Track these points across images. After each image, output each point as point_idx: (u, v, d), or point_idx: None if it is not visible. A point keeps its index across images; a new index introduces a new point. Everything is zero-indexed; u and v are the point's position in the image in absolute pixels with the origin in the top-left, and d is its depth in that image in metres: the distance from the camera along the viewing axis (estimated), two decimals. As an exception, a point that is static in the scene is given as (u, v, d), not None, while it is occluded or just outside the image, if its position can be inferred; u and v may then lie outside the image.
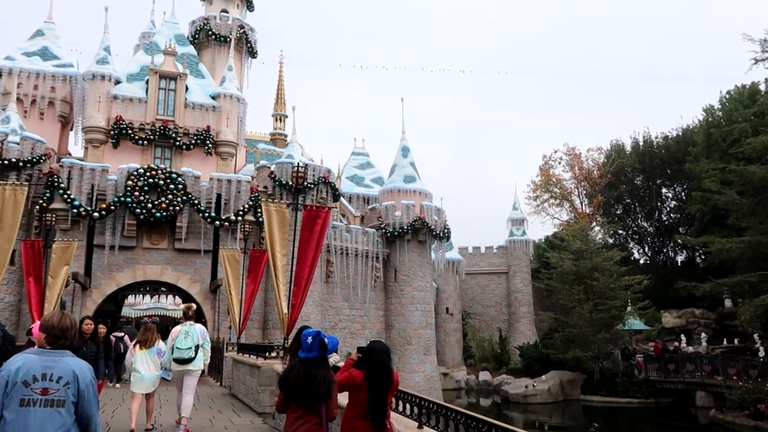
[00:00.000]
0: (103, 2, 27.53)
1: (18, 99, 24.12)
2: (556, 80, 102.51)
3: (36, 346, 3.92)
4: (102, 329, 10.14)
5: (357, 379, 5.29)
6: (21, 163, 20.51)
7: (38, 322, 5.97)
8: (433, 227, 29.00)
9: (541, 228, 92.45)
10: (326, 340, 4.65)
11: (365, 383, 5.27)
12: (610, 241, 44.47)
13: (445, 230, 29.94)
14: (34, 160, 20.91)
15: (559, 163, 49.36)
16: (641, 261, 46.22)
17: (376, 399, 5.29)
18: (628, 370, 30.17)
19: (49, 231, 20.72)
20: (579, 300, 31.22)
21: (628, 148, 47.14)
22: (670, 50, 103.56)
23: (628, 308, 31.53)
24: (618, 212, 47.21)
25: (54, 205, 20.91)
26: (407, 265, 28.96)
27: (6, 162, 20.11)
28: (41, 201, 20.69)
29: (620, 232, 47.00)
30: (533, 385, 31.26)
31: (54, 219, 20.74)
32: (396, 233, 28.61)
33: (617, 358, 31.49)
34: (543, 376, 32.35)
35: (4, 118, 22.23)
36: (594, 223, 44.62)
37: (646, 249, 47.71)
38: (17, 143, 20.73)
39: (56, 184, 20.95)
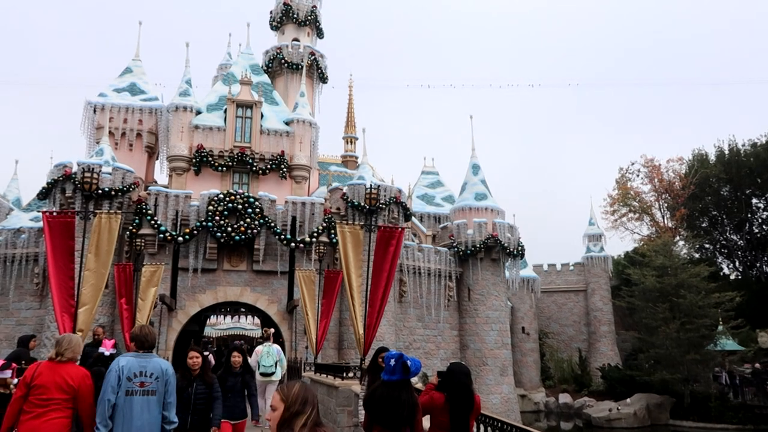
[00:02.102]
0: (184, 38, 29.21)
1: (110, 132, 25.85)
2: (630, 91, 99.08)
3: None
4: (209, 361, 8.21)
5: (438, 401, 5.28)
6: (113, 192, 21.88)
7: (106, 340, 7.81)
8: (506, 245, 28.50)
9: (619, 243, 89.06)
10: (409, 362, 4.67)
11: (447, 406, 5.25)
12: (696, 255, 42.14)
13: (519, 248, 29.34)
14: (125, 188, 22.26)
15: (637, 176, 47.47)
16: (732, 276, 43.44)
17: (458, 422, 5.25)
18: (722, 393, 28.26)
19: (138, 255, 21.95)
20: (664, 319, 29.69)
21: (712, 157, 44.74)
22: (751, 52, 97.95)
23: (720, 327, 29.66)
24: (704, 225, 44.71)
25: (142, 231, 22.14)
26: (481, 283, 28.55)
27: (100, 191, 21.51)
28: (131, 227, 21.96)
29: (707, 246, 44.44)
30: (617, 409, 29.86)
31: (143, 244, 22.00)
32: (468, 252, 28.31)
33: (709, 380, 29.58)
34: (628, 399, 30.85)
35: (98, 150, 23.87)
36: (677, 237, 42.50)
37: (737, 264, 44.82)
38: (110, 173, 22.17)
39: (144, 210, 22.19)
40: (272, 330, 14.45)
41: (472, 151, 32.04)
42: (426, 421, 5.29)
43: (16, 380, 7.19)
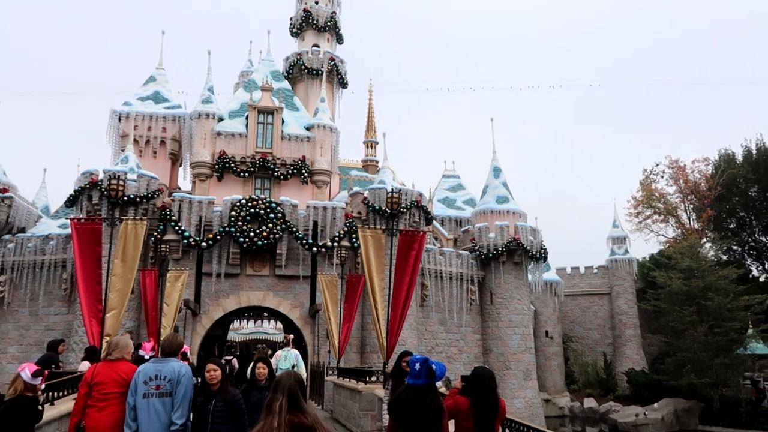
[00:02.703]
0: (206, 47, 29.62)
1: (134, 140, 26.27)
2: (654, 91, 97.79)
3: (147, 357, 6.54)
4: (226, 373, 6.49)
5: (463, 406, 5.25)
6: (138, 199, 22.22)
7: (145, 343, 8.88)
8: (528, 248, 28.27)
9: (644, 246, 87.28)
10: (434, 366, 4.65)
11: (471, 410, 5.22)
12: (724, 257, 41.27)
13: (542, 251, 29.08)
14: (149, 195, 22.60)
15: (662, 177, 46.70)
16: (762, 278, 42.47)
17: (483, 426, 5.21)
18: (759, 400, 27.62)
19: (163, 261, 22.25)
20: (692, 322, 29.17)
21: (739, 157, 43.82)
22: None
23: (749, 331, 29.03)
24: (731, 226, 43.77)
25: (167, 237, 22.43)
26: (503, 287, 28.35)
27: (126, 198, 21.87)
28: (156, 233, 22.26)
29: (735, 247, 43.50)
30: (645, 414, 29.39)
31: (167, 249, 22.30)
32: (490, 255, 28.14)
33: (740, 385, 28.94)
34: (655, 404, 30.34)
35: (123, 158, 24.29)
36: (704, 239, 41.70)
37: (767, 265, 43.82)
38: (135, 181, 22.53)
39: (169, 216, 22.49)
40: (292, 336, 15.03)
41: (493, 154, 31.88)
42: (451, 426, 5.27)
43: (42, 386, 7.41)
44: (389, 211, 23.99)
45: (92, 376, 5.91)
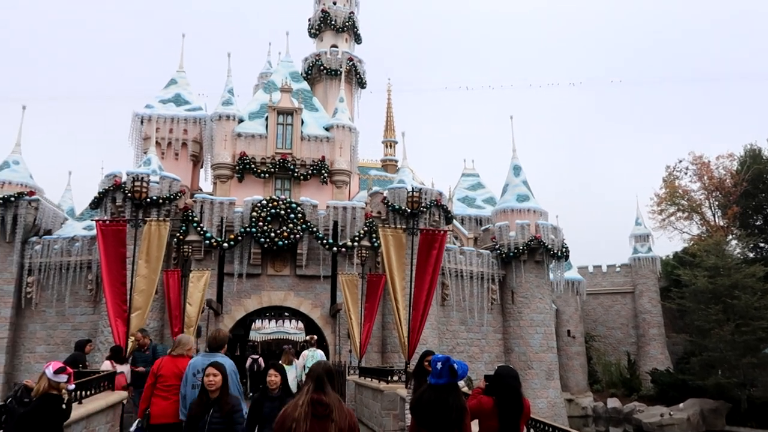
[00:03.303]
0: (226, 49, 29.87)
1: (156, 142, 26.60)
2: (675, 87, 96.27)
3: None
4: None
5: (487, 405, 5.21)
6: (161, 201, 22.50)
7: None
8: (549, 246, 28.02)
9: (668, 244, 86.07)
10: (455, 365, 4.63)
11: (495, 410, 5.18)
12: (751, 255, 40.46)
13: (563, 249, 28.81)
14: (172, 197, 22.86)
15: (685, 174, 45.90)
16: (789, 276, 41.55)
17: (507, 426, 5.17)
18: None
19: (186, 261, 22.50)
20: (717, 321, 28.69)
21: (766, 152, 42.95)
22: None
23: (778, 329, 28.44)
24: (758, 223, 42.89)
25: (189, 237, 22.67)
26: (524, 286, 28.15)
27: (149, 200, 22.15)
28: (178, 234, 22.52)
29: (762, 245, 42.65)
30: (670, 414, 28.96)
31: (190, 250, 22.54)
32: (511, 254, 27.96)
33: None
34: (680, 404, 29.88)
35: (146, 160, 24.61)
36: (730, 237, 40.94)
37: (795, 263, 42.85)
38: (157, 182, 22.81)
39: (191, 218, 22.73)
40: (315, 336, 15.42)
41: (513, 152, 31.66)
42: (474, 426, 5.24)
43: (72, 386, 7.52)
44: (409, 210, 23.96)
45: (158, 368, 6.82)
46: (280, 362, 11.21)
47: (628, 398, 35.74)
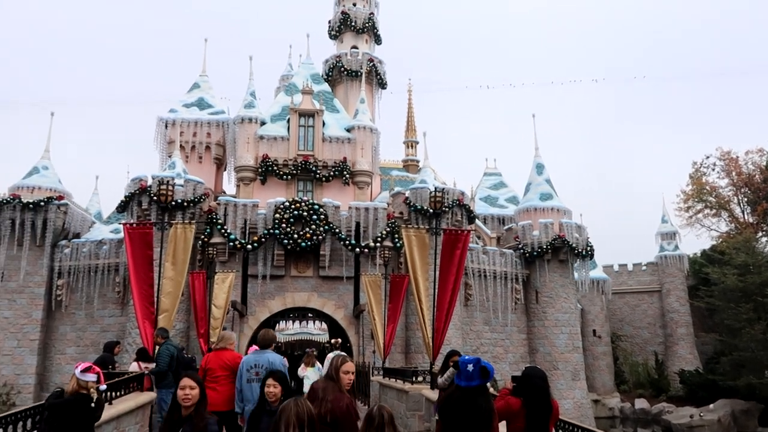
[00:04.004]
0: (247, 52, 30.14)
1: (180, 146, 26.93)
2: (701, 81, 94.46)
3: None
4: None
5: (514, 406, 5.17)
6: (185, 203, 22.78)
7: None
8: (574, 245, 27.71)
9: (696, 241, 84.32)
10: (486, 366, 4.59)
11: (523, 411, 5.13)
12: (782, 252, 39.55)
13: (588, 248, 28.46)
14: (196, 199, 23.13)
15: (713, 170, 45.06)
16: (823, 274, 40.46)
17: (535, 427, 5.11)
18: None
19: (210, 263, 22.74)
20: (748, 320, 28.10)
21: (797, 146, 41.97)
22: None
23: (812, 328, 27.74)
24: (789, 220, 41.93)
25: (214, 240, 22.91)
26: (549, 285, 27.87)
27: (174, 203, 22.44)
28: (203, 236, 22.77)
29: (794, 242, 41.66)
30: (700, 415, 28.42)
31: (215, 252, 22.77)
32: (535, 253, 27.71)
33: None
34: (711, 405, 29.31)
35: (171, 164, 24.94)
36: (760, 233, 40.07)
37: (829, 260, 41.75)
38: (182, 185, 23.09)
39: (215, 220, 22.97)
40: (340, 340, 15.80)
41: (536, 151, 31.40)
42: (502, 427, 5.20)
43: (104, 386, 7.66)
44: (432, 210, 23.90)
45: (205, 363, 7.78)
46: (302, 363, 11.39)
47: (656, 399, 35.16)
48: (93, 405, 5.67)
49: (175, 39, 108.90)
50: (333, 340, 15.24)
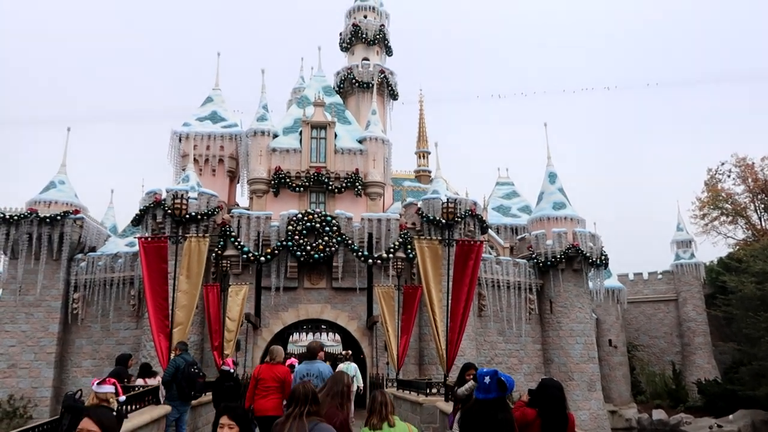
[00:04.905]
0: (260, 65, 30.42)
1: (194, 159, 27.18)
2: (714, 88, 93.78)
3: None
4: None
5: (529, 416, 5.14)
6: (199, 216, 22.95)
7: (228, 359, 11.42)
8: (588, 254, 27.50)
9: (711, 249, 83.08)
10: (503, 379, 4.57)
11: (538, 421, 5.10)
12: (801, 259, 38.92)
13: (602, 257, 28.24)
14: (210, 212, 23.30)
15: (728, 176, 44.53)
16: (843, 281, 39.78)
17: (550, 436, 5.07)
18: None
19: (224, 276, 22.84)
20: (768, 329, 27.64)
21: (814, 152, 41.44)
22: None
23: (833, 337, 27.26)
24: (808, 227, 41.36)
25: (227, 252, 23.04)
26: (563, 295, 27.66)
27: (188, 216, 22.62)
28: (217, 249, 22.90)
29: (812, 249, 40.99)
30: (718, 426, 28.02)
31: (228, 265, 22.87)
32: (549, 263, 27.53)
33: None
34: (730, 416, 28.87)
35: (185, 177, 25.16)
36: (778, 241, 39.48)
37: None
38: (196, 198, 23.29)
39: (228, 233, 23.11)
40: (350, 351, 16.94)
41: (548, 159, 31.29)
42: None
43: (123, 397, 7.73)
44: (444, 221, 23.86)
45: (258, 373, 8.64)
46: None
47: (674, 410, 34.66)
48: (114, 413, 5.71)
49: (188, 53, 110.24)
50: (344, 352, 15.68)
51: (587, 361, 27.13)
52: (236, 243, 22.89)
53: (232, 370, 11.43)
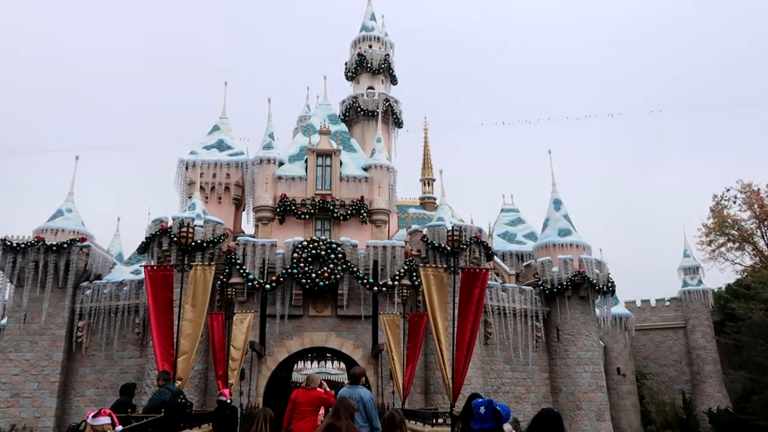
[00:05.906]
0: (266, 94, 30.80)
1: (200, 187, 27.36)
2: (717, 114, 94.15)
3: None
4: None
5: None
6: (205, 244, 23.01)
7: (224, 390, 12.48)
8: (594, 281, 27.34)
9: (719, 275, 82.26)
10: (498, 408, 4.54)
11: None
12: (810, 286, 38.53)
13: (609, 284, 28.06)
14: (216, 240, 23.37)
15: (734, 202, 44.34)
16: None
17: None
18: None
19: (229, 304, 22.80)
20: (778, 356, 27.23)
21: (820, 178, 41.37)
22: None
23: None
24: (815, 253, 41.01)
25: (233, 280, 23.02)
26: (570, 323, 27.41)
27: (194, 244, 22.68)
28: (222, 277, 22.90)
29: (821, 275, 40.61)
30: (731, 457, 27.37)
31: (233, 292, 22.84)
32: (555, 290, 27.36)
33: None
34: (743, 447, 28.24)
35: (191, 205, 25.31)
36: (786, 267, 39.13)
37: None
38: (201, 226, 23.38)
39: (234, 260, 23.12)
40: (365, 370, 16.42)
41: (553, 186, 31.34)
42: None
43: (120, 427, 7.66)
44: (449, 248, 23.83)
45: (295, 397, 9.20)
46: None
47: (686, 440, 34.00)
48: None
49: (196, 82, 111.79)
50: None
51: (595, 389, 26.75)
52: (241, 270, 22.88)
53: (228, 400, 11.87)
